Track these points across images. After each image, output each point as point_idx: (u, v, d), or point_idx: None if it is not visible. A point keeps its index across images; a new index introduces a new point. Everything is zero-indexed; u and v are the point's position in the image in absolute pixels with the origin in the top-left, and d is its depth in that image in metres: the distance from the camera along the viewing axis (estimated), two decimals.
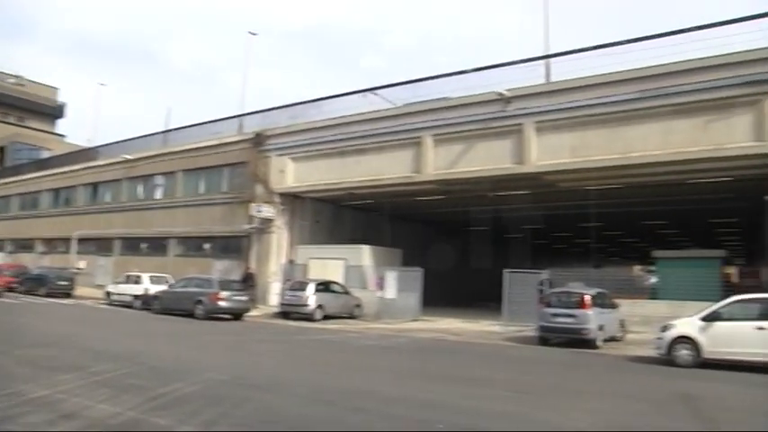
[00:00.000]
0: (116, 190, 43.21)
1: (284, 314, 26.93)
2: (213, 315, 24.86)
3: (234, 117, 36.53)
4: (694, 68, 21.19)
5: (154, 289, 28.64)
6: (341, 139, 29.85)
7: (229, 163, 35.04)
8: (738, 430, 7.46)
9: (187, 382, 10.42)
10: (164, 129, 42.27)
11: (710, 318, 15.03)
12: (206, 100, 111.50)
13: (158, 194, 39.82)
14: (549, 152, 24.13)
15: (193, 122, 39.29)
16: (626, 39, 22.85)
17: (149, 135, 42.16)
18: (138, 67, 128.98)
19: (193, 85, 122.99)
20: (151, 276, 30.58)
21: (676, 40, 21.67)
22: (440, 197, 31.24)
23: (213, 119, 37.33)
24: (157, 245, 38.88)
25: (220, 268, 33.87)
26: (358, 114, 29.47)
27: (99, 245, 43.35)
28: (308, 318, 25.90)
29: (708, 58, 20.93)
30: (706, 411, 10.03)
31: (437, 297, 35.89)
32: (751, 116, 20.46)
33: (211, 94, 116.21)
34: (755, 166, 21.50)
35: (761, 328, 14.26)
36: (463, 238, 46.22)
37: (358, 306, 28.23)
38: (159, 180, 39.68)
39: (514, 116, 24.79)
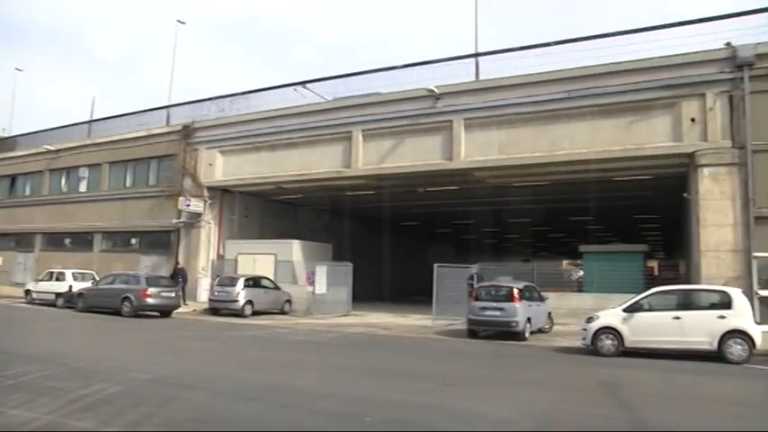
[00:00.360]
0: (37, 182, 41.32)
1: (214, 310, 26.54)
2: (141, 312, 24.23)
3: (162, 108, 35.62)
4: (617, 71, 22.00)
5: (78, 286, 27.68)
6: (271, 133, 29.55)
7: (157, 155, 34.20)
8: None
9: (111, 383, 10.11)
10: (88, 119, 40.76)
11: (632, 309, 15.60)
12: (133, 90, 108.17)
13: (83, 187, 38.34)
14: (477, 149, 24.48)
15: (120, 113, 38.07)
16: (553, 40, 23.53)
17: (73, 125, 40.46)
18: (58, 54, 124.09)
19: (119, 74, 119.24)
20: (74, 273, 29.56)
21: (601, 44, 22.45)
22: (370, 192, 31.32)
23: (140, 109, 36.30)
24: (82, 240, 37.55)
25: (148, 264, 33.09)
26: (288, 108, 29.23)
27: (18, 240, 41.51)
28: (238, 314, 25.58)
29: (630, 61, 21.79)
30: (624, 397, 10.39)
31: (368, 292, 36.02)
32: (669, 118, 21.41)
33: (138, 84, 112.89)
34: (674, 165, 22.44)
35: (677, 318, 14.94)
36: (394, 234, 46.46)
37: (288, 301, 28.03)
38: (84, 172, 38.17)
39: (444, 113, 25.04)
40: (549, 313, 21.72)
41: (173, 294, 25.09)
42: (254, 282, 26.85)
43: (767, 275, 19.44)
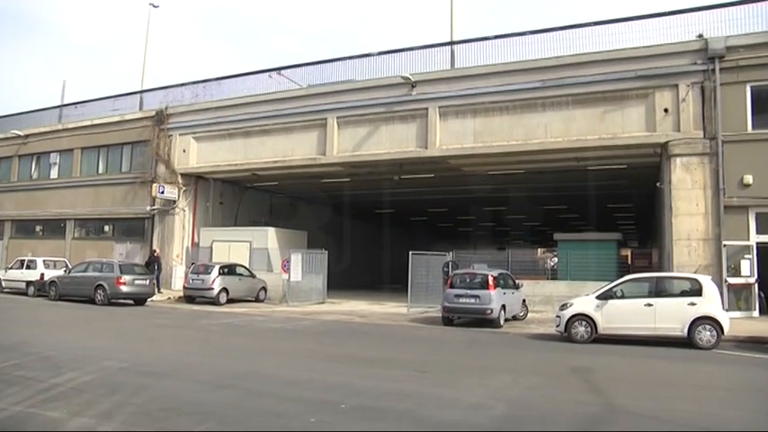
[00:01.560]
0: (5, 168, 40.43)
1: (189, 298, 26.34)
2: (114, 301, 23.97)
3: (135, 93, 35.19)
4: (592, 61, 22.17)
5: (50, 274, 27.24)
6: (245, 119, 29.33)
7: (130, 141, 33.73)
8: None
9: (83, 372, 10.00)
10: (59, 103, 40.04)
11: (605, 296, 15.74)
12: (105, 75, 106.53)
13: (54, 174, 37.67)
14: (453, 137, 24.55)
15: (92, 98, 37.52)
16: (528, 30, 23.68)
17: (43, 110, 39.62)
18: (26, 37, 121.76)
19: (91, 58, 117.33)
20: (46, 261, 29.10)
21: (576, 34, 22.64)
22: (346, 180, 31.31)
23: (113, 94, 35.78)
24: (54, 227, 36.96)
25: (122, 252, 32.79)
26: (263, 94, 29.09)
27: None
28: (213, 302, 25.43)
29: (604, 52, 22.03)
30: (596, 382, 10.50)
31: (344, 280, 36.02)
32: (643, 108, 21.67)
33: (111, 68, 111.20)
34: (647, 155, 22.70)
35: (649, 305, 15.11)
36: (371, 221, 46.52)
37: (264, 289, 27.92)
38: (55, 158, 37.49)
39: (419, 100, 25.05)
40: (524, 300, 21.84)
41: (147, 282, 24.84)
42: (229, 269, 26.68)
43: (736, 263, 19.82)
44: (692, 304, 14.89)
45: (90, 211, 34.97)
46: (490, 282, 19.33)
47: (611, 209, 40.18)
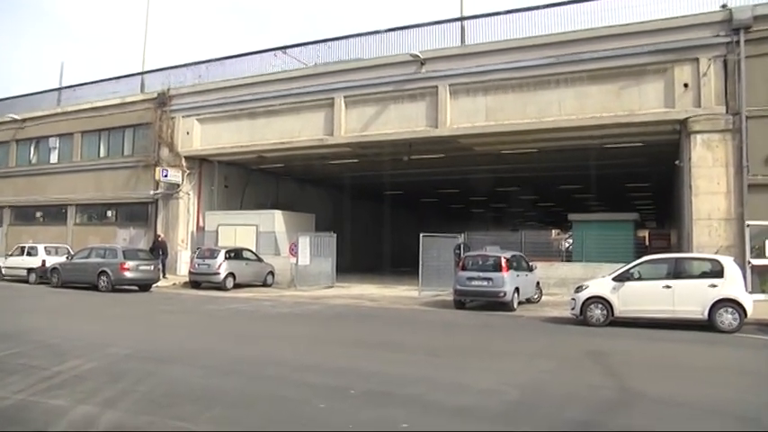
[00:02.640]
0: (2, 154, 40.35)
1: (194, 284, 26.48)
2: (119, 287, 24.13)
3: (135, 75, 35.09)
4: (607, 35, 21.86)
5: (51, 261, 27.39)
6: (250, 100, 29.24)
7: (132, 124, 33.71)
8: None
9: (86, 359, 10.06)
10: (57, 86, 40.05)
11: (622, 278, 15.66)
12: (104, 56, 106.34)
13: (54, 158, 37.72)
14: (463, 115, 24.41)
15: (91, 80, 37.39)
16: (541, 3, 23.23)
17: (41, 93, 39.61)
18: (23, 18, 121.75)
19: (89, 40, 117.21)
20: (47, 247, 29.22)
21: (590, 7, 22.34)
22: (354, 161, 31.28)
23: (113, 76, 35.68)
24: (55, 213, 37.11)
25: (126, 237, 32.93)
26: (269, 74, 28.95)
27: None
28: (219, 287, 25.56)
29: (620, 25, 21.71)
30: (612, 366, 10.48)
31: (353, 263, 36.11)
32: (661, 83, 21.38)
33: (110, 50, 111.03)
34: (666, 132, 22.46)
35: (667, 287, 15.01)
36: (379, 203, 46.49)
37: (271, 273, 28.02)
38: (54, 142, 37.48)
39: (429, 78, 24.90)
40: (538, 283, 21.83)
41: (151, 268, 24.97)
42: (235, 254, 26.78)
43: (760, 244, 19.60)
44: (713, 286, 14.78)
45: (92, 197, 35.04)
46: (503, 264, 19.30)
47: (628, 188, 39.97)
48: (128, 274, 23.98)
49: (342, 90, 26.79)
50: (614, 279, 15.71)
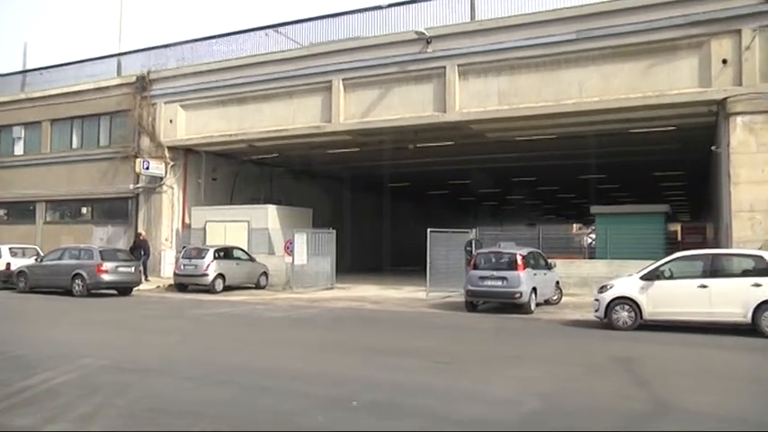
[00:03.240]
0: None
1: (180, 286, 26.44)
2: (95, 291, 24.03)
3: (111, 56, 35.02)
4: (635, 7, 21.60)
5: (17, 263, 27.07)
6: (240, 84, 29.15)
7: (108, 111, 33.65)
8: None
9: (59, 371, 9.96)
10: (21, 69, 39.83)
11: (651, 276, 15.56)
12: (74, 35, 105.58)
13: (19, 150, 37.42)
14: (474, 99, 24.33)
15: (60, 62, 37.14)
16: None
17: (1, 76, 39.62)
18: None
19: (57, 15, 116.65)
20: (12, 248, 28.80)
21: None
22: (354, 150, 31.22)
23: (86, 58, 35.59)
24: (22, 211, 36.98)
25: (103, 236, 32.91)
26: (259, 55, 28.91)
27: None
28: (208, 289, 25.53)
29: None
30: (641, 374, 10.43)
31: (355, 262, 36.13)
32: (696, 59, 21.09)
33: (81, 28, 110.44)
34: (701, 114, 22.24)
35: (703, 286, 14.86)
36: (382, 197, 46.46)
37: (264, 274, 27.97)
38: (19, 132, 37.19)
39: (436, 58, 24.78)
40: (558, 282, 21.77)
41: (132, 269, 24.90)
42: (225, 253, 26.74)
43: None
44: (757, 285, 14.58)
45: (64, 192, 34.87)
46: (519, 261, 19.23)
47: (658, 178, 39.82)
48: (105, 277, 23.88)
49: (340, 72, 26.69)
50: (643, 278, 15.61)
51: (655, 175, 38.85)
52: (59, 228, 34.98)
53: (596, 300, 16.20)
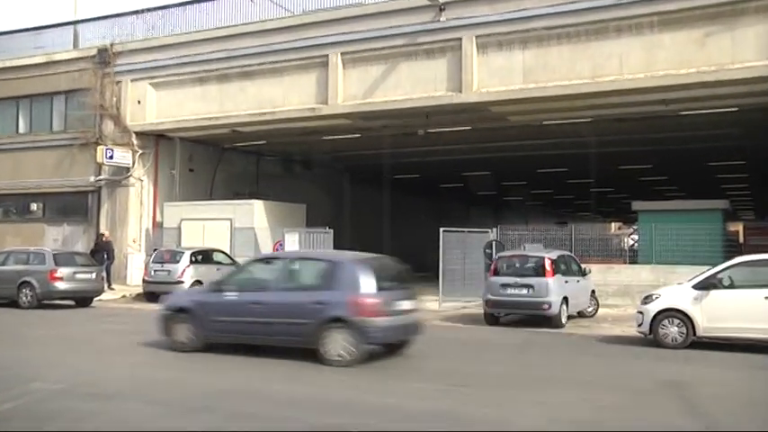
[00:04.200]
0: None
1: (150, 295, 26.31)
2: (48, 302, 23.90)
3: (66, 24, 34.96)
4: None
5: None
6: (221, 59, 29.11)
7: (63, 90, 33.53)
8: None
9: (5, 397, 9.89)
10: None
11: (706, 285, 15.41)
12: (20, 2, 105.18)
13: None
14: (495, 76, 24.23)
15: (3, 30, 36.98)
16: None
17: None
18: None
19: None
20: None
21: None
22: (355, 136, 31.28)
23: (34, 26, 35.45)
24: None
25: (57, 237, 32.76)
26: (243, 25, 28.94)
27: None
28: None
29: None
30: (695, 402, 10.35)
31: None
32: (763, 27, 20.86)
33: None
34: None
35: None
36: (388, 191, 46.32)
37: None
38: None
39: (450, 29, 24.68)
40: (593, 291, 21.77)
41: (93, 276, 24.82)
42: (203, 256, 26.82)
43: None
44: None
45: (8, 185, 34.56)
46: (547, 266, 19.20)
47: (714, 168, 39.66)
48: (60, 285, 23.77)
49: (338, 45, 26.61)
50: (696, 287, 15.49)
51: (710, 166, 38.65)
52: (4, 227, 34.67)
53: (639, 312, 16.09)
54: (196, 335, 14.34)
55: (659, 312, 15.56)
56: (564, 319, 19.22)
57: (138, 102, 31.42)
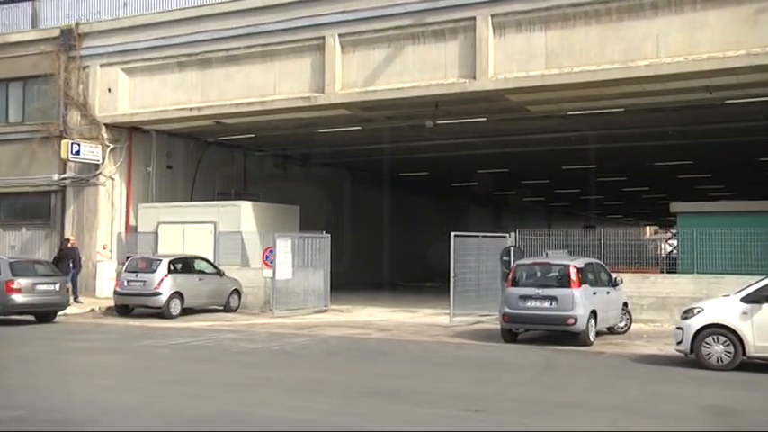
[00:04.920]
0: None
1: (122, 309, 26.55)
2: (3, 317, 23.80)
3: (23, 0, 34.82)
4: None
5: None
6: (203, 41, 29.20)
7: (20, 76, 33.57)
8: None
9: None
10: None
11: (757, 298, 15.34)
12: None
13: None
14: (513, 60, 24.28)
15: None
16: None
17: None
18: None
19: None
20: None
21: None
22: (355, 128, 31.37)
23: None
24: None
25: (15, 242, 32.96)
26: (228, 3, 28.90)
27: None
28: (160, 313, 25.61)
29: None
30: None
31: (356, 276, 36.08)
32: None
33: None
34: None
35: None
36: (392, 191, 46.42)
37: (237, 293, 28.12)
38: None
39: (463, 6, 24.77)
40: (625, 304, 21.73)
41: (56, 287, 24.64)
42: (183, 265, 26.87)
43: None
44: None
45: None
46: (573, 276, 19.16)
47: (766, 164, 39.56)
48: (18, 298, 23.59)
49: (336, 25, 26.69)
50: (745, 299, 15.44)
51: (761, 161, 38.55)
52: None
53: (679, 328, 16.01)
54: None
55: (702, 328, 15.48)
56: (592, 336, 19.16)
57: (109, 90, 31.41)
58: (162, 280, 25.68)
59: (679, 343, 15.88)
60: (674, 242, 28.69)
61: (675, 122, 28.66)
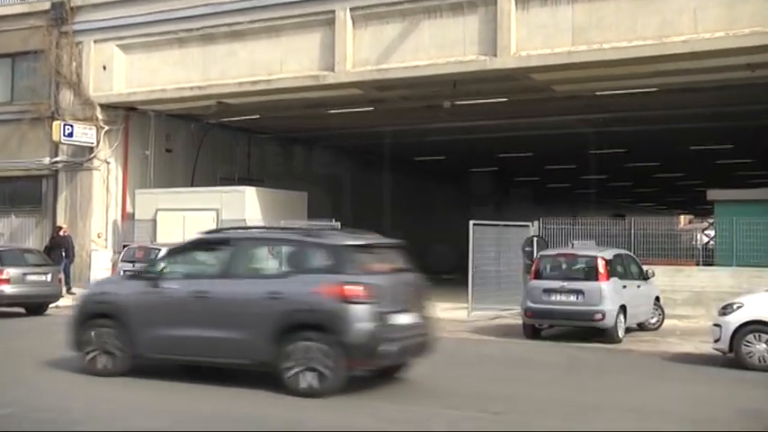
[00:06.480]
0: None
1: None
2: None
3: None
4: None
5: None
6: (204, 15, 29.18)
7: (9, 53, 33.70)
8: None
9: None
10: None
11: None
12: None
13: None
14: (538, 36, 24.19)
15: None
16: None
17: None
18: None
19: None
20: None
21: None
22: (367, 109, 31.39)
23: None
24: None
25: (4, 230, 33.08)
26: None
27: None
28: None
29: None
30: None
31: None
32: None
33: None
34: None
35: None
36: (406, 176, 46.42)
37: None
38: None
39: None
40: (657, 299, 21.73)
41: (48, 278, 24.91)
42: None
43: None
44: None
45: None
46: (601, 268, 19.17)
47: None
48: (7, 289, 23.78)
49: None
50: None
51: None
52: None
53: (716, 325, 15.93)
54: None
55: (742, 325, 15.38)
56: (621, 333, 19.15)
57: (104, 67, 31.48)
58: None
59: (717, 341, 15.78)
60: (711, 232, 28.66)
61: (713, 103, 28.53)
